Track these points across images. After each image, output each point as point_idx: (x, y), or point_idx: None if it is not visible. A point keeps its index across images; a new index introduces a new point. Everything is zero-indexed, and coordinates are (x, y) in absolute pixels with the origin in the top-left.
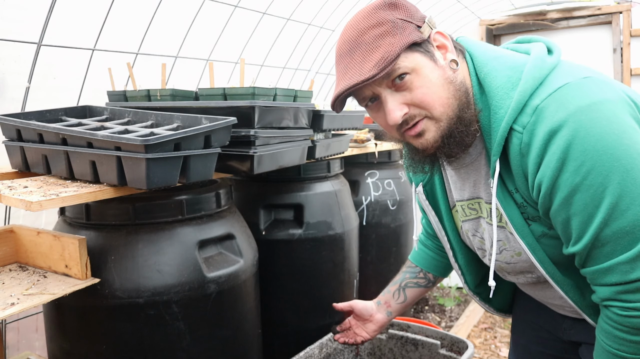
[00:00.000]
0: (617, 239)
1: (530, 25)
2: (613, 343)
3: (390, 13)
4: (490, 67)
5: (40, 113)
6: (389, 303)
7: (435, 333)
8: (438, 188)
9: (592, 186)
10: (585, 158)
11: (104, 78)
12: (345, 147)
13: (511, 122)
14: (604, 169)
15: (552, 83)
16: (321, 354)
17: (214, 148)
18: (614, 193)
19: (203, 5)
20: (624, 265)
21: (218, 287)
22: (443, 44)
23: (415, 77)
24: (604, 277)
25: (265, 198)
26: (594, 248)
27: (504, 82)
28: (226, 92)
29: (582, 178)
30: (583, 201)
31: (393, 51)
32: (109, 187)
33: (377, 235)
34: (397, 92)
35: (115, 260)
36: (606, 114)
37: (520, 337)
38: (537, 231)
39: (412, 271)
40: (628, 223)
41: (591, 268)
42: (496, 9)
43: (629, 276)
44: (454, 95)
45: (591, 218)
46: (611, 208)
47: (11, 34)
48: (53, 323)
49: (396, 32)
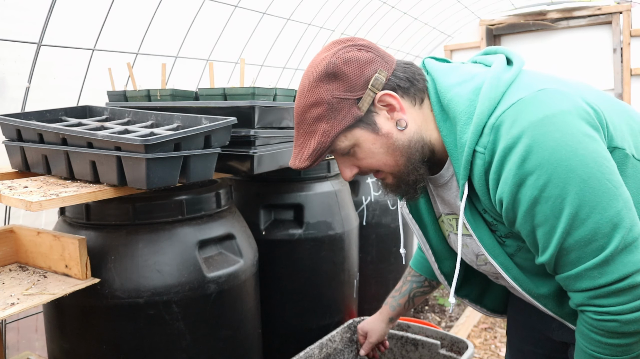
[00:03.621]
0: (581, 247)
1: (530, 25)
2: (590, 345)
3: (329, 89)
4: (453, 93)
5: (40, 113)
6: (400, 314)
7: (435, 333)
8: (422, 201)
9: (550, 198)
10: (541, 171)
11: (104, 78)
12: None
13: (473, 145)
14: (560, 181)
15: (507, 100)
16: (321, 354)
17: (214, 148)
18: (572, 203)
19: (203, 5)
20: (592, 271)
21: (218, 287)
22: (390, 105)
23: (358, 150)
24: (575, 283)
25: (265, 198)
26: (561, 256)
27: (467, 107)
28: (226, 92)
29: (539, 191)
30: (544, 213)
31: (326, 141)
32: (109, 187)
33: (377, 235)
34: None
35: (115, 260)
36: (559, 126)
37: (514, 337)
38: (512, 246)
39: (418, 281)
40: (589, 231)
41: (562, 275)
42: (496, 9)
43: (598, 281)
44: (401, 155)
45: (553, 229)
46: (571, 218)
47: (11, 34)
48: (53, 323)
49: (331, 116)
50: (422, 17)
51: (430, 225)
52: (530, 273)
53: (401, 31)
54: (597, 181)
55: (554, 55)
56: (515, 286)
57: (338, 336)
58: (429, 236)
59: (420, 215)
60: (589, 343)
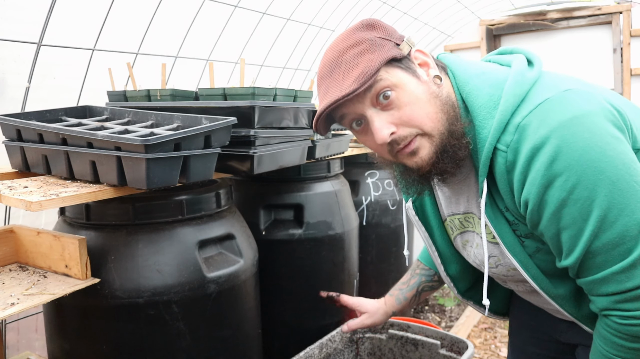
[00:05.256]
0: (609, 250)
1: (530, 25)
2: (611, 348)
3: (369, 33)
4: (472, 85)
5: (40, 113)
6: (404, 308)
7: (435, 333)
8: (428, 203)
9: (579, 201)
10: (570, 173)
11: (104, 78)
12: (346, 147)
13: (495, 142)
14: (589, 182)
15: (533, 99)
16: (321, 354)
17: (214, 148)
18: (601, 205)
19: (203, 5)
20: (619, 275)
21: (218, 287)
22: (424, 61)
23: (400, 94)
24: (600, 287)
25: (265, 198)
26: (586, 260)
27: (486, 101)
28: (226, 92)
29: (568, 193)
30: (571, 216)
31: (372, 66)
32: (109, 187)
33: (377, 235)
34: (383, 111)
35: (115, 260)
36: (588, 127)
37: (517, 338)
38: (531, 247)
39: (428, 274)
40: (617, 234)
41: (587, 279)
42: (496, 9)
43: (625, 285)
44: (441, 110)
45: (581, 232)
46: (600, 221)
47: (11, 34)
48: (53, 323)
49: (375, 49)
50: (422, 17)
51: (436, 228)
52: (548, 274)
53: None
54: (626, 183)
55: (554, 55)
56: (534, 286)
57: (338, 336)
58: (435, 239)
59: (427, 217)
60: (610, 346)
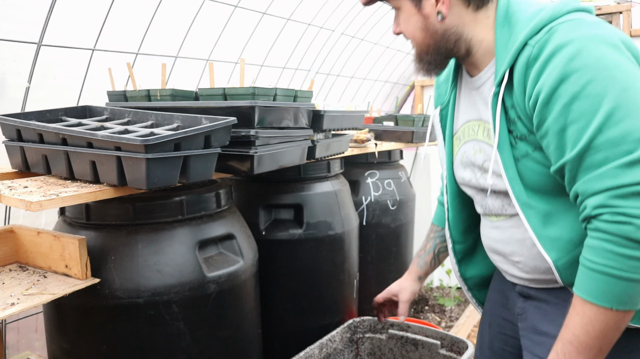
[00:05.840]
0: (610, 147)
1: None
2: (600, 258)
3: None
4: (524, 5)
5: (40, 113)
6: (427, 272)
7: (435, 333)
8: (449, 115)
9: (590, 96)
10: (585, 70)
11: (104, 78)
12: (345, 147)
13: (527, 39)
14: (602, 81)
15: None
16: (321, 354)
17: (214, 148)
18: (610, 102)
19: (203, 5)
20: (616, 169)
21: (218, 287)
22: None
23: (399, 13)
24: (596, 184)
25: (265, 198)
26: (587, 156)
27: (530, 15)
28: (226, 92)
29: (581, 87)
30: (580, 109)
31: None
32: (109, 187)
33: (377, 235)
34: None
35: (115, 260)
36: (610, 45)
37: (486, 334)
38: (521, 150)
39: (441, 235)
40: (621, 133)
41: (583, 178)
42: None
43: (621, 180)
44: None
45: (587, 125)
46: (606, 116)
47: (11, 34)
48: (53, 323)
49: None
50: None
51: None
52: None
53: None
54: (636, 93)
55: None
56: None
57: (338, 336)
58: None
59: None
60: (598, 256)
